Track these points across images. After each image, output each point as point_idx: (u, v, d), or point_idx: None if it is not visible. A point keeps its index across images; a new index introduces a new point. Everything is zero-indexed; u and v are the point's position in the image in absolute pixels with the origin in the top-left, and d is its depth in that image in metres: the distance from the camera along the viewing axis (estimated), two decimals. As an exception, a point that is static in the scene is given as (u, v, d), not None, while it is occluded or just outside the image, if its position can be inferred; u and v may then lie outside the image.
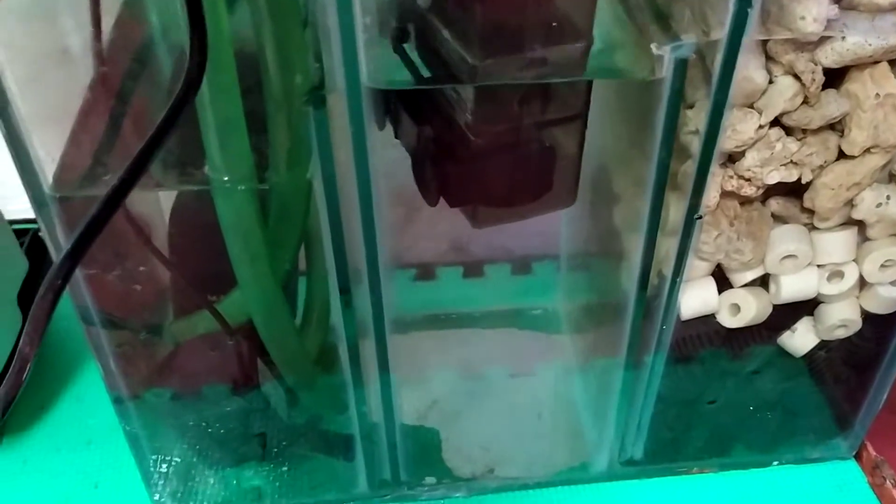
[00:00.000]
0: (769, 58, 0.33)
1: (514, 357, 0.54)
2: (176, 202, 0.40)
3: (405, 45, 0.32)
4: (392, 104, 0.36)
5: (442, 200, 0.36)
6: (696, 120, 0.34)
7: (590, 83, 0.34)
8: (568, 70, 0.30)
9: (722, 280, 0.40)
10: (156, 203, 0.41)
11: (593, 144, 0.43)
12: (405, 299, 0.56)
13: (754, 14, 0.30)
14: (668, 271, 0.38)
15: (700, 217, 0.36)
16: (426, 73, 0.31)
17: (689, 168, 0.35)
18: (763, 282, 0.40)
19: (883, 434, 0.49)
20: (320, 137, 0.31)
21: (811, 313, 0.42)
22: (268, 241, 0.35)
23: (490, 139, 0.33)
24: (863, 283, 0.40)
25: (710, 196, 0.36)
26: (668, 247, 0.38)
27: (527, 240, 0.58)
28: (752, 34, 0.31)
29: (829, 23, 0.31)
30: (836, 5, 0.32)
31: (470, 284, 0.58)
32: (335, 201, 0.33)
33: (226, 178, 0.32)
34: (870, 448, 0.49)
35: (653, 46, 0.31)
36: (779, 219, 0.38)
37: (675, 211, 0.37)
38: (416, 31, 0.31)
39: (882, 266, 0.39)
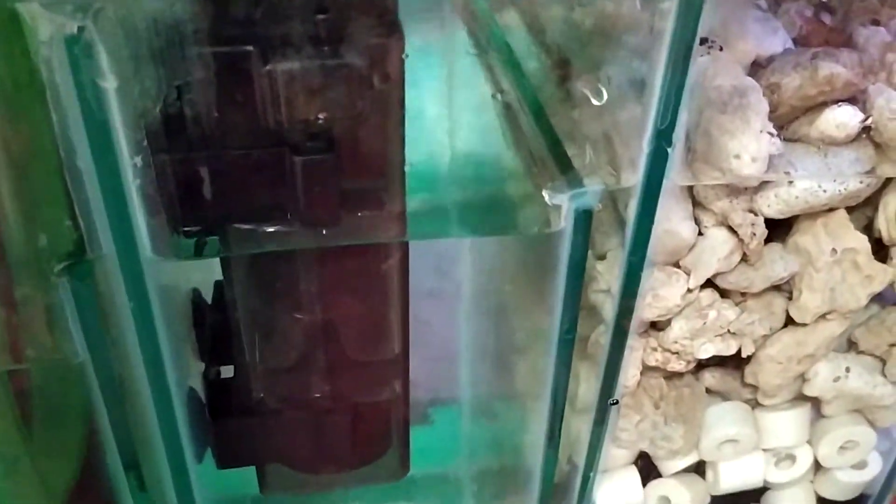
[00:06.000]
0: (697, 203, 0.26)
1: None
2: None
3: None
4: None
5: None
6: (608, 276, 0.27)
7: (405, 315, 0.26)
8: (379, 232, 0.22)
9: (649, 466, 0.32)
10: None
11: (491, 276, 0.35)
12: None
13: (675, 154, 0.22)
14: (580, 460, 0.30)
15: (616, 402, 0.28)
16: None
17: (602, 337, 0.27)
18: (699, 467, 0.32)
19: None
20: (84, 315, 0.22)
21: (757, 501, 0.34)
22: (34, 446, 0.25)
23: (260, 389, 0.25)
24: (818, 467, 0.33)
25: (629, 374, 0.28)
26: (579, 428, 0.30)
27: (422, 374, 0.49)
28: (673, 179, 0.23)
29: (772, 161, 0.24)
30: (778, 138, 0.25)
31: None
32: (113, 388, 0.24)
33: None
34: None
35: (545, 194, 0.23)
36: (715, 394, 0.30)
37: (586, 387, 0.29)
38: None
39: (841, 448, 0.32)
